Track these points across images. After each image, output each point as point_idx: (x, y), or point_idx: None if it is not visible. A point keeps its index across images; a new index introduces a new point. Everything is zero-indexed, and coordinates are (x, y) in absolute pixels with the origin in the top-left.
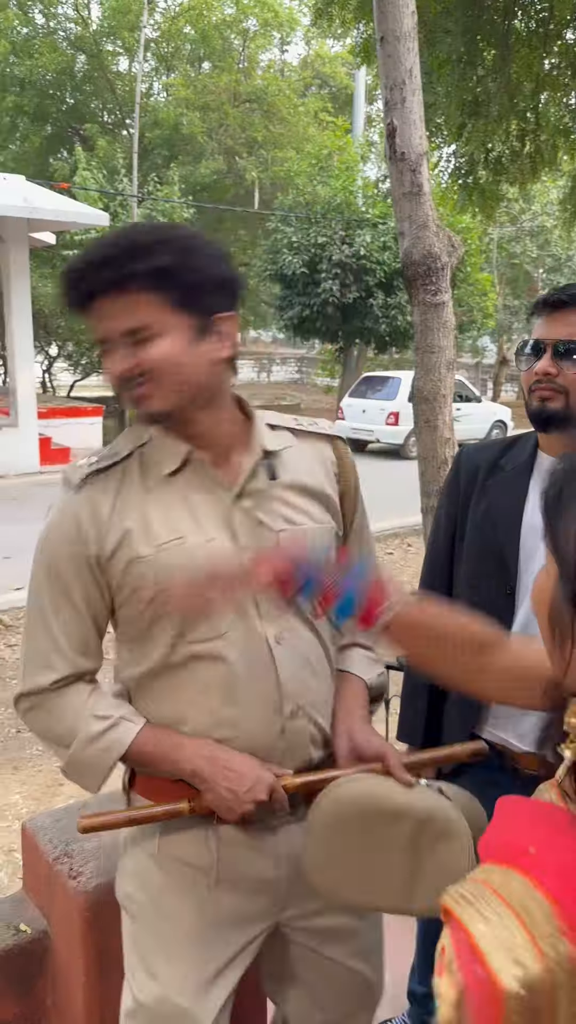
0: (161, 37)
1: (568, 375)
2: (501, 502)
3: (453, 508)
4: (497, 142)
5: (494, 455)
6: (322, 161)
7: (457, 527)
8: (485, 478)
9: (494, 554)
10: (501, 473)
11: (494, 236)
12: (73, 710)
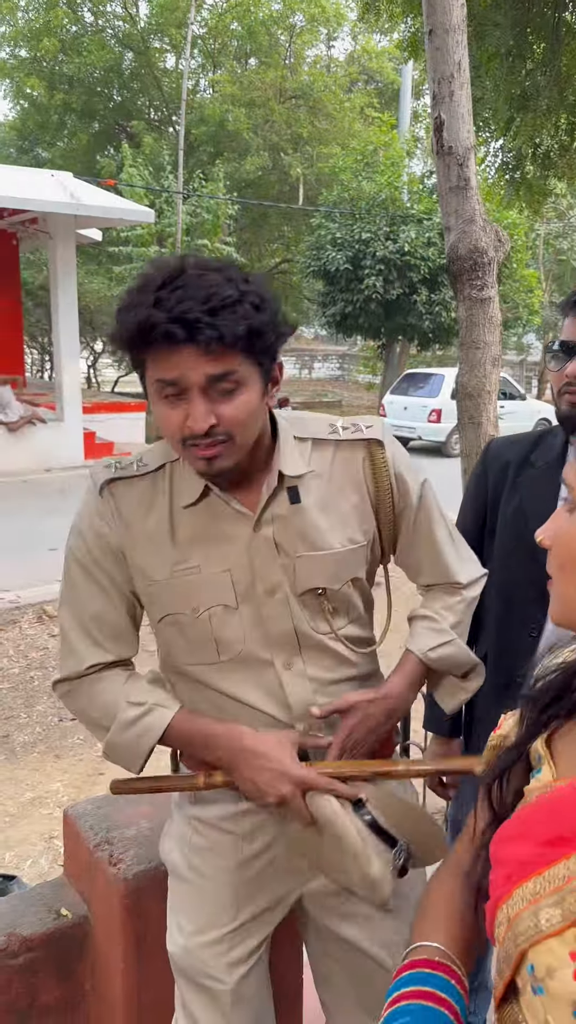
0: (208, 34)
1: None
2: (533, 498)
3: (480, 502)
4: (546, 136)
5: (524, 450)
6: (367, 157)
7: (486, 521)
8: (516, 474)
9: (527, 551)
10: (532, 469)
11: (540, 232)
12: (109, 696)
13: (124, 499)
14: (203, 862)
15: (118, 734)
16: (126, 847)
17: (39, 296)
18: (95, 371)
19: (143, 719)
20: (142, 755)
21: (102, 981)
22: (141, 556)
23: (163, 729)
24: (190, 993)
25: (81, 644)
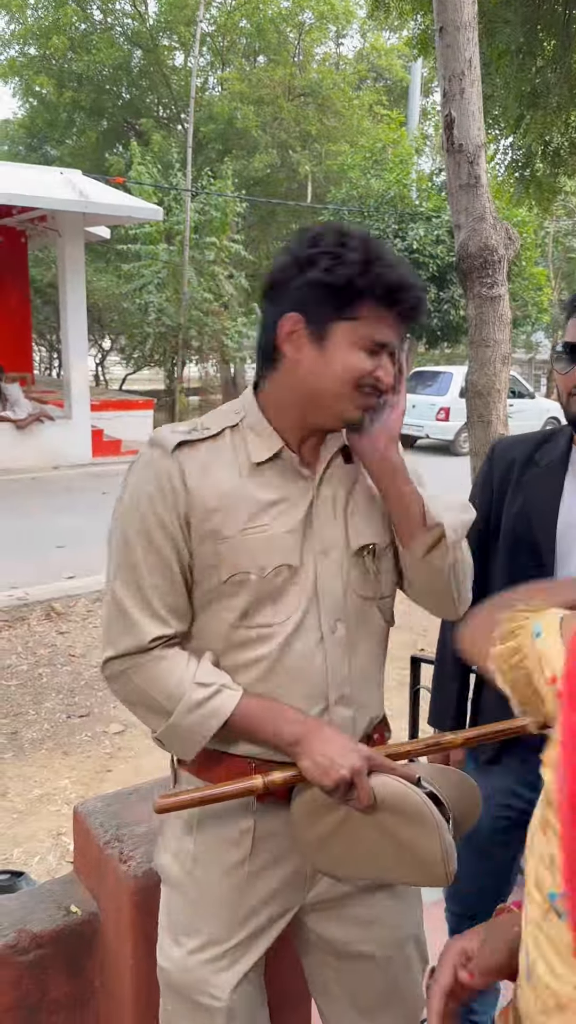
0: (217, 31)
1: None
2: (537, 497)
3: (486, 500)
4: (556, 134)
5: (529, 450)
6: (376, 154)
7: (491, 521)
8: (520, 473)
9: (530, 549)
10: (536, 468)
11: (550, 230)
12: (174, 675)
13: (193, 461)
14: (206, 876)
15: (183, 716)
16: (136, 844)
17: (47, 294)
18: (103, 369)
19: (211, 700)
20: (204, 739)
21: (111, 978)
22: (212, 516)
23: (232, 710)
24: (180, 1010)
25: (142, 617)
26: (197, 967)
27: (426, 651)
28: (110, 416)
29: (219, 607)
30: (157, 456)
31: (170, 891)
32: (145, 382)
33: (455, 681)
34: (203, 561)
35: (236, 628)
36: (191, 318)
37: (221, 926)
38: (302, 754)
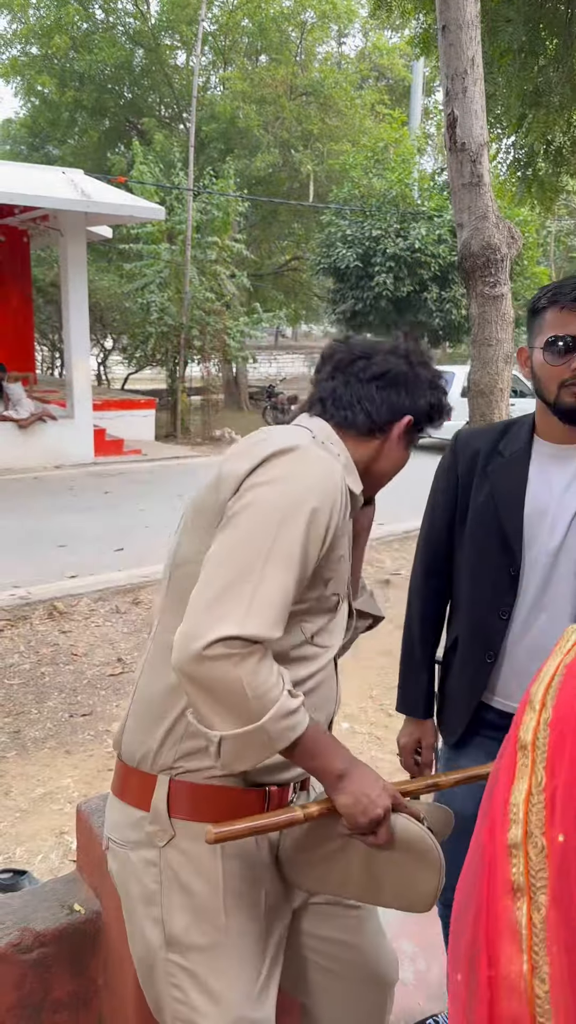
0: (219, 30)
1: None
2: (503, 487)
3: (451, 492)
4: (558, 133)
5: (492, 440)
6: (378, 154)
7: (457, 510)
8: (485, 463)
9: (498, 538)
10: (500, 458)
11: (552, 229)
12: (272, 677)
13: None
14: (240, 917)
15: (275, 721)
16: None
17: (50, 293)
18: (105, 368)
19: (296, 714)
20: (275, 751)
21: (114, 976)
22: (345, 534)
23: (305, 728)
24: None
25: (283, 608)
26: (249, 1011)
27: None
28: (112, 416)
29: (302, 620)
30: (331, 460)
31: (195, 955)
32: (147, 381)
33: (423, 669)
34: (319, 577)
35: (302, 645)
36: (193, 317)
37: (256, 963)
38: (345, 790)
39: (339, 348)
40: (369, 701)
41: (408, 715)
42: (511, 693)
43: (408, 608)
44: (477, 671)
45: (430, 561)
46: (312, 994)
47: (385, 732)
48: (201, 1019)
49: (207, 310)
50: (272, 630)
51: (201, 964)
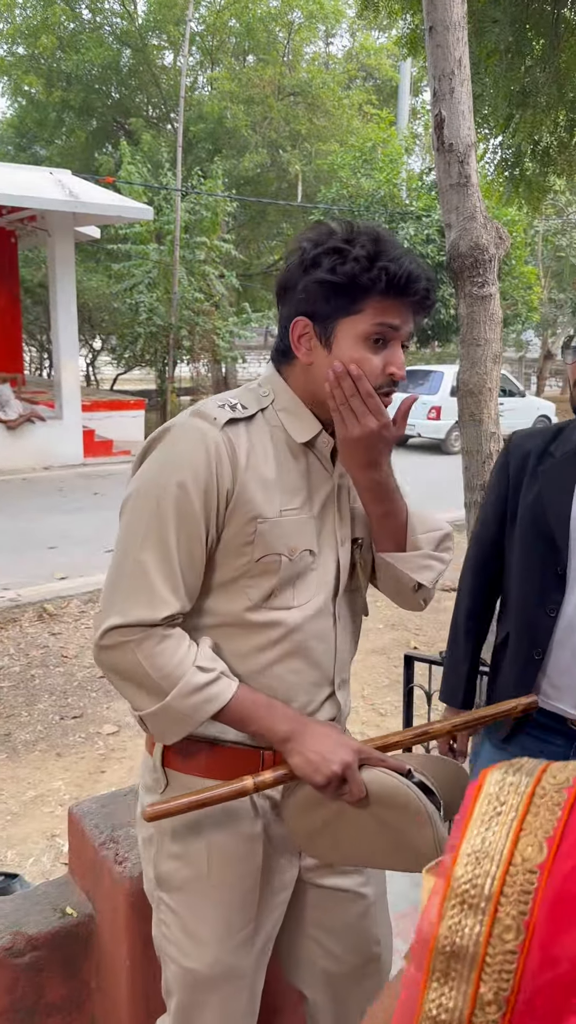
0: (206, 31)
1: None
2: (551, 488)
3: (503, 491)
4: (545, 133)
5: (544, 442)
6: (366, 154)
7: (507, 509)
8: (536, 464)
9: (545, 538)
10: (551, 459)
11: (539, 229)
12: (175, 656)
13: (240, 439)
14: (222, 877)
15: (180, 699)
16: (131, 846)
17: (38, 294)
18: (94, 369)
19: (210, 687)
20: (195, 724)
21: (107, 979)
22: (255, 494)
23: (228, 698)
24: (209, 1001)
25: (164, 590)
26: (228, 956)
27: (419, 650)
28: (101, 416)
29: (244, 586)
30: (206, 428)
31: (179, 895)
32: (136, 382)
33: (467, 661)
34: (236, 540)
35: (257, 609)
36: (182, 318)
37: (242, 915)
38: (293, 751)
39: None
40: (361, 701)
41: (448, 704)
42: (554, 692)
43: (456, 602)
44: (525, 667)
45: (480, 558)
46: (314, 985)
47: (377, 732)
48: (182, 957)
49: (196, 310)
50: (156, 611)
51: (184, 906)
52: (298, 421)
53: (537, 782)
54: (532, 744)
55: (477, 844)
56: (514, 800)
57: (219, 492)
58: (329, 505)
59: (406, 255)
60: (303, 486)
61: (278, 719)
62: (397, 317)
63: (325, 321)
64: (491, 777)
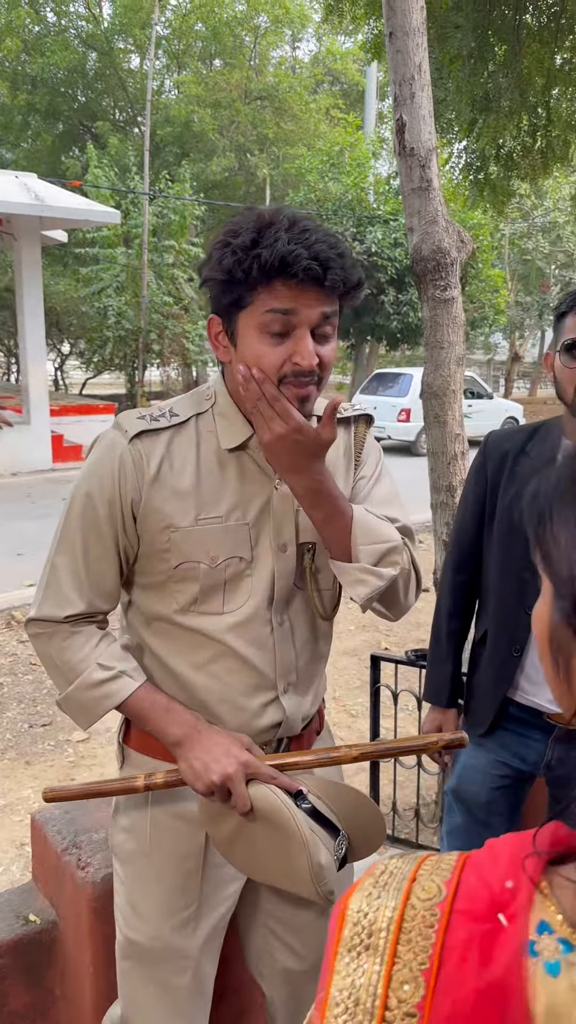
0: (172, 34)
1: None
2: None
3: (481, 491)
4: (508, 137)
5: (521, 441)
6: (333, 158)
7: (485, 510)
8: (514, 463)
9: (523, 536)
10: (526, 459)
11: (506, 232)
12: (80, 652)
13: (154, 449)
14: (162, 858)
15: (79, 691)
16: (94, 851)
17: (4, 298)
18: (62, 373)
19: (108, 684)
20: (96, 717)
21: (72, 986)
22: (165, 504)
23: (125, 697)
24: (150, 976)
25: (70, 592)
26: (168, 934)
27: (390, 651)
28: (70, 421)
29: (171, 590)
30: (117, 440)
31: (126, 866)
32: (106, 386)
33: (449, 660)
34: (152, 547)
35: (184, 612)
36: (151, 321)
37: (183, 897)
38: (181, 756)
39: None
40: (332, 703)
41: (432, 704)
42: (531, 687)
43: (437, 602)
44: (504, 664)
45: (459, 557)
46: (273, 981)
47: (348, 733)
48: (126, 927)
49: (165, 314)
50: (61, 610)
51: (130, 878)
52: (230, 426)
53: (406, 899)
54: (510, 739)
55: (347, 986)
56: (383, 923)
57: (123, 503)
58: (266, 511)
59: (294, 236)
60: (232, 493)
61: (173, 723)
62: (290, 302)
63: (228, 318)
64: (353, 902)
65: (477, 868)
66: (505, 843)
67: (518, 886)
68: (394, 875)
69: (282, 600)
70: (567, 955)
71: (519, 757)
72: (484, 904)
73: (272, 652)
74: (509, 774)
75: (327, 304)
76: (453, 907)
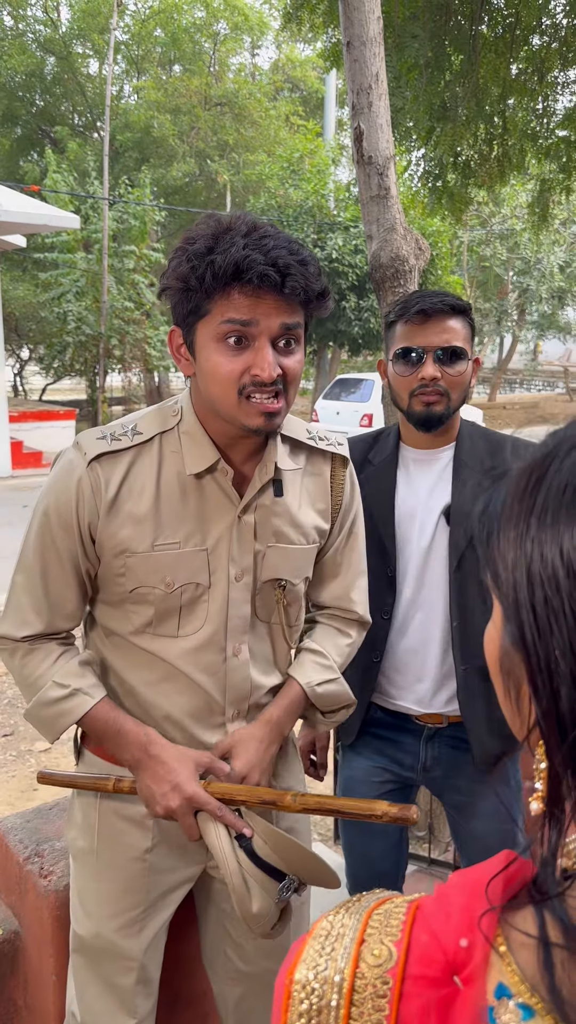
0: (131, 40)
1: (449, 378)
2: (374, 494)
3: None
4: (465, 146)
5: (363, 450)
6: (293, 164)
7: None
8: (358, 472)
9: (375, 542)
10: (371, 467)
11: (464, 239)
12: (38, 669)
13: (113, 472)
14: (110, 856)
15: (37, 708)
16: (56, 860)
17: None
18: (22, 379)
19: (63, 702)
20: (57, 732)
21: (35, 996)
22: (121, 529)
23: (80, 715)
24: (96, 972)
25: (28, 610)
26: (111, 933)
27: None
28: (30, 427)
29: (128, 610)
30: (76, 462)
31: (78, 863)
32: (67, 392)
33: None
34: (109, 570)
35: (139, 633)
36: (112, 327)
37: (128, 898)
38: (138, 777)
39: None
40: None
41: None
42: (395, 691)
43: None
44: (366, 672)
45: None
46: (223, 977)
47: None
48: (75, 921)
49: (126, 319)
50: (18, 630)
51: (79, 874)
52: (195, 448)
53: (355, 966)
54: (384, 745)
55: None
56: (331, 998)
57: (80, 526)
58: (224, 539)
59: (251, 241)
60: (192, 519)
61: (125, 746)
62: (248, 311)
63: (188, 328)
64: (299, 973)
65: (429, 924)
66: (457, 891)
67: (473, 944)
68: (340, 937)
69: (238, 629)
70: (527, 1022)
71: (396, 762)
72: (438, 967)
73: (223, 680)
74: (390, 779)
75: (288, 314)
76: (406, 972)
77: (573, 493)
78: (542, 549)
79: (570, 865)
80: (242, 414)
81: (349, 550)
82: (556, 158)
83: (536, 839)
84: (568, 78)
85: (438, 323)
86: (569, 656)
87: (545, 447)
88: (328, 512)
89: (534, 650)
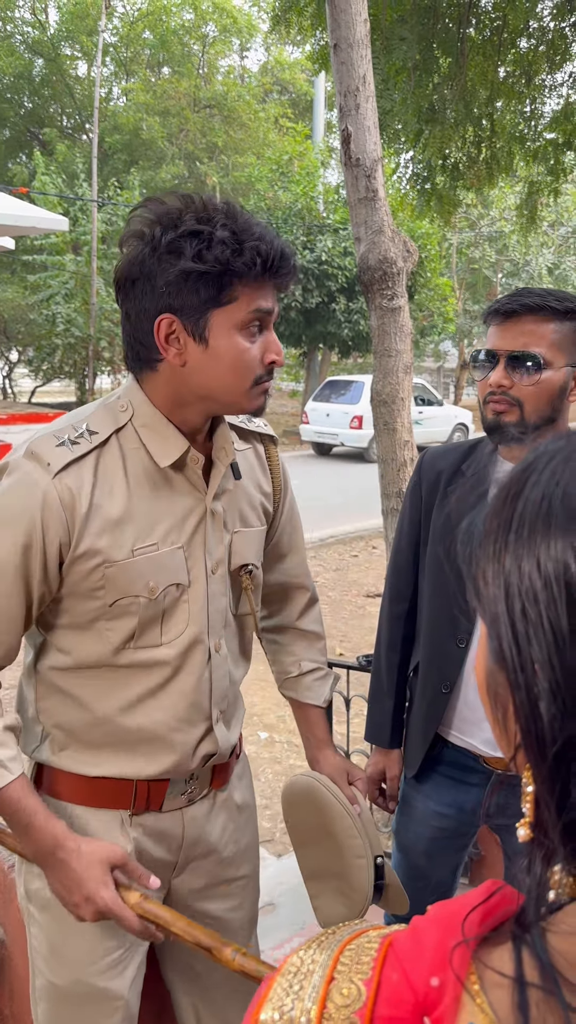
0: (120, 42)
1: (522, 387)
2: (460, 507)
3: (416, 514)
4: (454, 148)
5: (456, 460)
6: (283, 167)
7: (420, 533)
8: (448, 483)
9: (454, 560)
10: (462, 479)
11: (453, 242)
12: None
13: (83, 480)
14: None
15: None
16: None
17: None
18: (10, 381)
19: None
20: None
21: (21, 1005)
22: (100, 539)
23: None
24: (78, 1017)
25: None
26: (94, 978)
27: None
28: (19, 430)
29: (101, 629)
30: (37, 476)
31: (45, 913)
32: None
33: (391, 696)
34: (83, 586)
35: (121, 651)
36: (101, 329)
37: (110, 940)
38: (48, 876)
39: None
40: (287, 710)
41: (374, 744)
42: (464, 727)
43: (377, 634)
44: (433, 701)
45: (395, 586)
46: (182, 982)
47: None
48: (48, 970)
49: (116, 321)
50: None
51: (50, 923)
52: (161, 440)
53: (322, 1007)
54: (446, 784)
55: None
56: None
57: (47, 548)
58: (200, 531)
59: (267, 230)
60: (166, 514)
61: (31, 839)
62: (270, 300)
63: (197, 316)
64: (264, 1014)
65: (400, 961)
66: (431, 925)
67: (444, 983)
68: (309, 975)
69: (219, 624)
70: None
71: (455, 806)
72: (407, 1008)
73: (208, 681)
74: (446, 826)
75: (274, 299)
76: (374, 1013)
77: (549, 505)
78: (519, 562)
79: (554, 897)
80: (247, 398)
81: (293, 528)
82: (544, 160)
83: (522, 868)
84: (555, 81)
85: (517, 324)
86: (547, 669)
87: (524, 462)
88: (271, 495)
89: (513, 664)
